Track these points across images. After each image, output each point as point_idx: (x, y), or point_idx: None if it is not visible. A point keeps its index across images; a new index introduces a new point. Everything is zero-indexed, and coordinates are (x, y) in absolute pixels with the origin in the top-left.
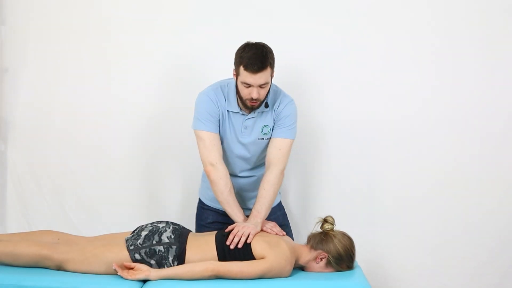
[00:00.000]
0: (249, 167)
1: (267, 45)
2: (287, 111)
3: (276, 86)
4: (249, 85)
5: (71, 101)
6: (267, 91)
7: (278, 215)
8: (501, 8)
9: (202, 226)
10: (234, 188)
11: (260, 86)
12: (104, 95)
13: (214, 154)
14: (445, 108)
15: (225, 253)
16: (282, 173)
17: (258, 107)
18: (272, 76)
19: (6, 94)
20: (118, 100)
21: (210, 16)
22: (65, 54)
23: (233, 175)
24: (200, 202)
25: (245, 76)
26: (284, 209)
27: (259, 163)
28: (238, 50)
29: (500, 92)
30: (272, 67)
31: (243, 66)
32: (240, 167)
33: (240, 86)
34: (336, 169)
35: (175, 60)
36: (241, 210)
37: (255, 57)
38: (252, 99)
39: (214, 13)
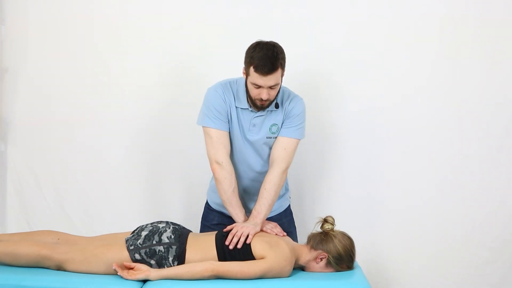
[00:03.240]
0: (257, 168)
1: (278, 45)
2: (297, 110)
3: (285, 87)
4: (259, 86)
5: (71, 101)
6: (277, 91)
7: (283, 221)
8: (502, 7)
9: (207, 227)
10: (239, 189)
11: (270, 87)
12: (105, 94)
13: (221, 153)
14: (446, 109)
15: (225, 253)
16: (284, 173)
17: (268, 106)
18: (282, 76)
19: (6, 94)
20: (119, 100)
21: (211, 14)
22: (65, 54)
23: (239, 175)
24: (207, 203)
25: (255, 77)
26: (291, 215)
27: (267, 166)
28: (249, 49)
29: (500, 92)
30: (283, 67)
31: (254, 67)
32: (248, 167)
33: (250, 86)
34: (335, 169)
35: (178, 59)
36: (243, 211)
37: (265, 58)
38: (261, 99)
39: (216, 10)
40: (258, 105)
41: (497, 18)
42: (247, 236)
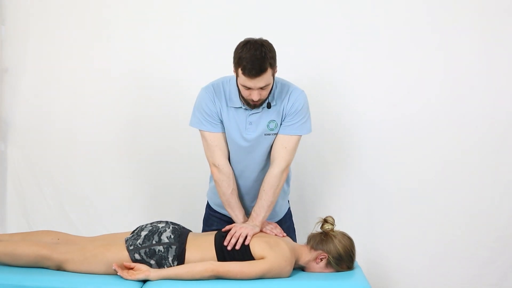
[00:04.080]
0: (257, 168)
1: (267, 43)
2: (297, 105)
3: (280, 79)
4: (249, 88)
5: (71, 100)
6: (269, 91)
7: (282, 228)
8: (501, 7)
9: (206, 231)
10: (240, 189)
11: (261, 88)
12: (105, 95)
13: (217, 155)
14: (445, 108)
15: (224, 253)
16: (284, 172)
17: (262, 104)
18: (274, 74)
19: (6, 94)
20: (119, 100)
21: (210, 11)
22: (65, 54)
23: (240, 175)
24: (208, 205)
25: (244, 80)
26: (291, 221)
27: (268, 164)
28: (237, 48)
29: (500, 92)
30: (272, 66)
31: (241, 69)
32: (248, 167)
33: (240, 87)
34: (336, 170)
35: (178, 60)
36: (243, 212)
37: (253, 60)
38: (253, 100)
39: (213, 9)
40: (251, 105)
41: (496, 18)
42: (246, 237)
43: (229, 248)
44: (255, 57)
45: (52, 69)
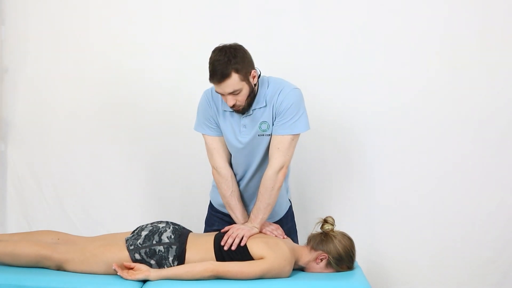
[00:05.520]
0: (258, 169)
1: (235, 48)
2: (286, 104)
3: (275, 78)
4: (221, 93)
5: (71, 101)
6: (245, 96)
7: (283, 229)
8: (502, 8)
9: (208, 231)
10: (241, 190)
11: (233, 94)
12: (104, 95)
13: (216, 158)
14: (446, 108)
15: (223, 254)
16: (280, 172)
17: (244, 109)
18: (247, 79)
19: (6, 94)
20: (119, 99)
21: (211, 13)
22: (65, 54)
23: (240, 177)
24: (211, 205)
25: (214, 85)
26: (293, 222)
27: (265, 165)
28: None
29: (500, 92)
30: (240, 72)
31: (209, 75)
32: (246, 169)
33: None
34: (336, 170)
35: (179, 59)
36: (243, 213)
37: (216, 65)
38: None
39: (215, 10)
40: (235, 109)
41: (496, 25)
42: (242, 238)
43: (225, 248)
44: (218, 62)
45: (52, 69)
